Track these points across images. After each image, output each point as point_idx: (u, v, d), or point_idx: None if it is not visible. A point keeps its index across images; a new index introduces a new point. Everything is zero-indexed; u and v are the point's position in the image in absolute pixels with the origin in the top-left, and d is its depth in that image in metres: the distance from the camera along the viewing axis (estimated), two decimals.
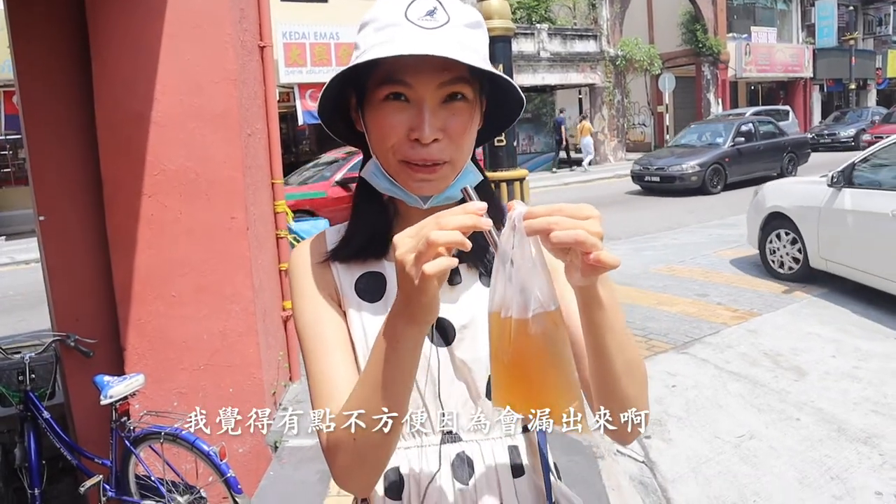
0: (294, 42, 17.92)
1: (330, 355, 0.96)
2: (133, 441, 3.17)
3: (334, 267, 1.03)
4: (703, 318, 6.00)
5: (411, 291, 0.74)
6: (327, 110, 1.01)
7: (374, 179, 0.99)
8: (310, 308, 1.00)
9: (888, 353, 4.96)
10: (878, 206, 5.80)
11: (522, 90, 0.97)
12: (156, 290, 3.39)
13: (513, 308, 0.75)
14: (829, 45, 31.04)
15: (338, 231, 1.07)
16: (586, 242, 0.72)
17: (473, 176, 1.00)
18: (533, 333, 0.75)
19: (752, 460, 3.64)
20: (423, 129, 0.89)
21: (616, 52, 23.77)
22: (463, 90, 0.91)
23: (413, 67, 0.88)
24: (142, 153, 3.28)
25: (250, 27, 3.91)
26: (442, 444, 0.99)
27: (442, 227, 0.72)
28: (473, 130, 0.96)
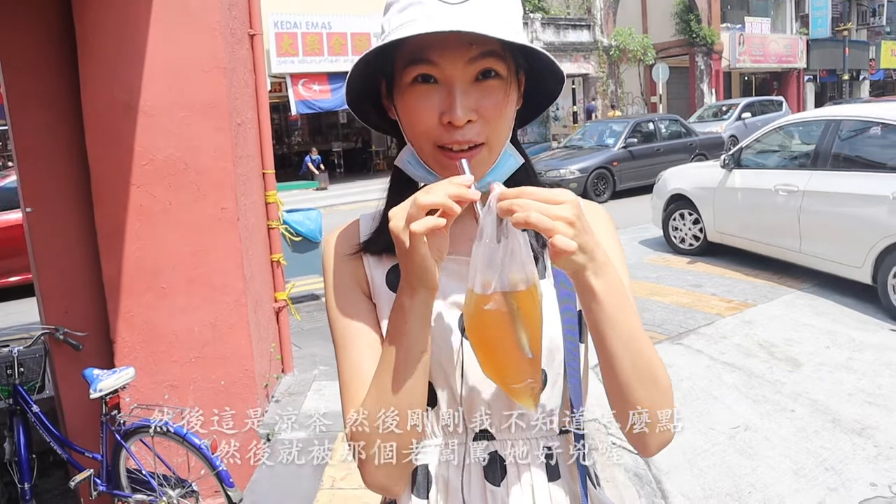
0: (286, 31, 17.81)
1: (359, 348, 0.94)
2: (124, 435, 3.13)
3: (366, 258, 1.00)
4: (698, 308, 6.00)
5: (403, 256, 0.77)
6: (357, 100, 0.97)
7: (409, 168, 0.94)
8: (340, 300, 0.97)
9: (882, 345, 4.96)
10: (763, 183, 6.85)
11: None
12: (145, 282, 3.34)
13: (476, 284, 0.77)
14: (823, 36, 31.03)
15: (372, 218, 1.03)
16: (538, 225, 0.72)
17: (514, 160, 0.94)
18: (489, 309, 0.77)
19: (748, 451, 3.63)
20: (454, 110, 0.84)
21: (610, 42, 23.70)
22: (495, 66, 0.86)
23: (439, 45, 0.83)
24: (129, 143, 3.23)
25: (240, 15, 3.86)
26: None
27: (429, 192, 0.75)
28: (510, 110, 0.90)
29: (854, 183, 5.97)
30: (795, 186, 6.46)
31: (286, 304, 4.53)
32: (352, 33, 18.76)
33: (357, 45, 18.86)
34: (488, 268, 0.76)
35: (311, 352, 5.32)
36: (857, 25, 34.34)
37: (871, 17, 35.33)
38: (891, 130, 5.92)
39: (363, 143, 24.24)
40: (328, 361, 5.09)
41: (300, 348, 5.30)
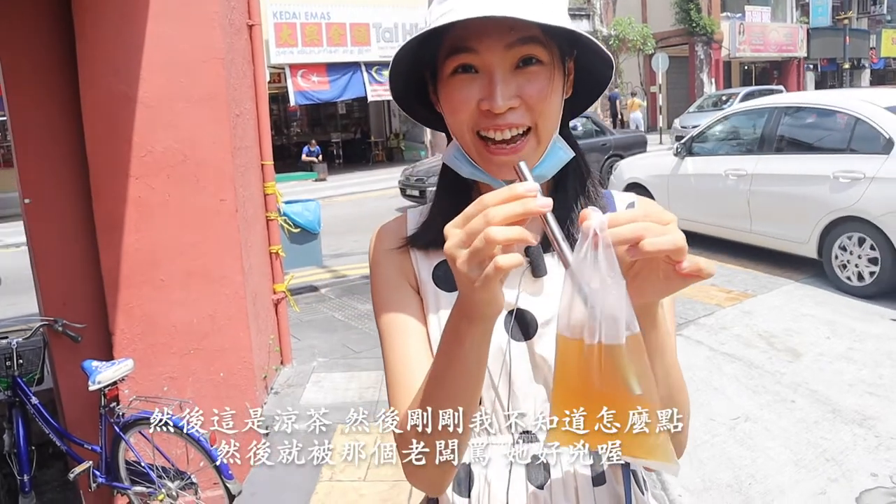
0: (285, 22, 17.73)
1: (406, 343, 0.92)
2: (122, 427, 3.13)
3: (413, 252, 0.98)
4: (697, 299, 5.99)
5: (468, 290, 0.68)
6: (402, 93, 0.95)
7: (456, 163, 0.91)
8: (386, 293, 0.96)
9: (883, 335, 4.96)
10: (714, 169, 7.28)
11: None
12: (144, 274, 3.33)
13: (600, 332, 0.66)
14: (823, 25, 30.90)
15: (420, 213, 1.01)
16: (684, 249, 0.66)
17: (563, 153, 0.90)
18: (626, 360, 0.67)
19: (748, 442, 3.63)
20: (494, 97, 0.81)
21: (609, 32, 23.62)
22: (536, 52, 0.83)
23: (477, 32, 0.81)
24: (128, 134, 3.21)
25: (238, 5, 3.83)
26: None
27: (489, 221, 0.64)
28: (556, 98, 0.86)
29: (798, 165, 6.43)
30: (744, 171, 6.90)
31: (285, 296, 4.52)
32: (351, 24, 18.69)
33: (356, 35, 18.79)
34: (611, 312, 0.66)
35: (309, 343, 5.32)
36: (858, 14, 34.19)
37: (871, 6, 35.17)
38: (828, 115, 6.50)
39: (362, 133, 24.18)
40: (327, 353, 5.09)
41: (299, 340, 5.30)
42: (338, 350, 5.18)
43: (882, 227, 5.67)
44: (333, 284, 7.17)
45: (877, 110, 6.02)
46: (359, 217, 11.61)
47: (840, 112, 6.34)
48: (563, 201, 0.93)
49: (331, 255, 8.24)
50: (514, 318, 0.92)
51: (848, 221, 5.95)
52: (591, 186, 0.97)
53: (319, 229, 5.98)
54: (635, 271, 0.70)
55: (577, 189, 0.96)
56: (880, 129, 5.84)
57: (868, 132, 5.95)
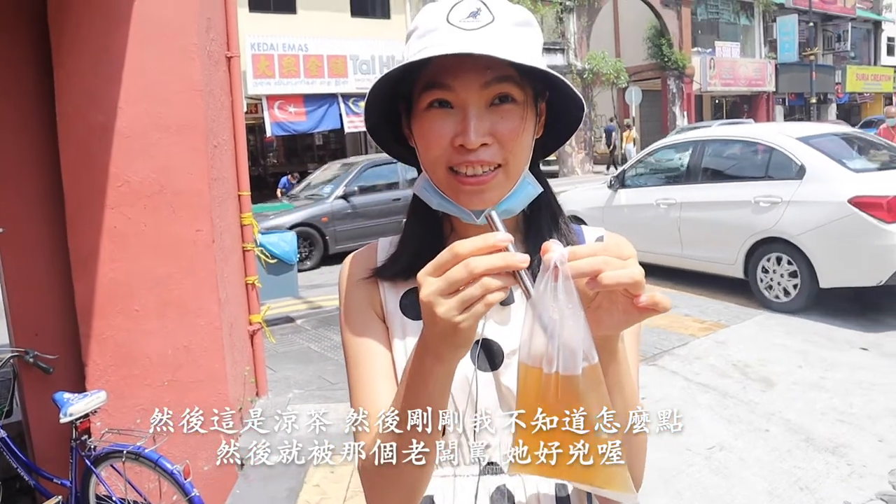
0: (262, 53, 17.81)
1: (372, 375, 0.93)
2: (94, 460, 3.07)
3: (381, 283, 0.99)
4: (672, 329, 6.04)
5: (443, 335, 0.70)
6: (376, 125, 0.97)
7: (425, 195, 0.92)
8: (353, 322, 0.97)
9: (853, 363, 5.04)
10: (645, 199, 7.79)
11: None
12: (119, 305, 3.30)
13: (558, 362, 0.68)
14: (791, 60, 31.69)
15: (390, 242, 1.02)
16: (642, 283, 0.68)
17: (532, 188, 0.92)
18: (583, 390, 0.68)
19: (723, 472, 3.65)
20: (468, 133, 0.83)
21: (583, 66, 24.01)
22: (511, 91, 0.85)
23: (454, 70, 0.83)
24: (105, 164, 3.20)
25: (217, 37, 3.86)
26: (481, 476, 0.92)
27: (472, 273, 0.67)
28: (527, 136, 0.89)
29: (722, 192, 7.04)
30: (674, 199, 7.46)
31: (261, 327, 4.49)
32: (328, 56, 18.82)
33: (333, 67, 18.92)
34: (569, 342, 0.68)
35: (285, 375, 5.28)
36: (824, 50, 35.13)
37: (836, 43, 36.18)
38: (747, 146, 7.19)
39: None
40: (303, 385, 5.05)
41: (275, 371, 5.25)
42: (314, 381, 5.14)
43: (800, 246, 6.25)
44: (309, 315, 7.13)
45: (790, 141, 6.70)
46: None
47: (758, 143, 7.01)
48: (536, 237, 0.95)
49: (307, 285, 8.21)
50: (481, 348, 0.93)
51: (769, 242, 6.54)
52: (563, 222, 0.99)
53: (295, 260, 5.98)
54: (595, 304, 0.72)
55: (549, 224, 0.98)
56: (794, 158, 6.49)
57: (783, 160, 6.61)
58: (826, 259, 6.15)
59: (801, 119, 32.13)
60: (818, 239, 6.15)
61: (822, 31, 35.30)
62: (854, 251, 5.97)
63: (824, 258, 6.15)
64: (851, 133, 7.77)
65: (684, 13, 27.48)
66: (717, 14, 30.24)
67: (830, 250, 6.11)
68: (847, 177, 6.20)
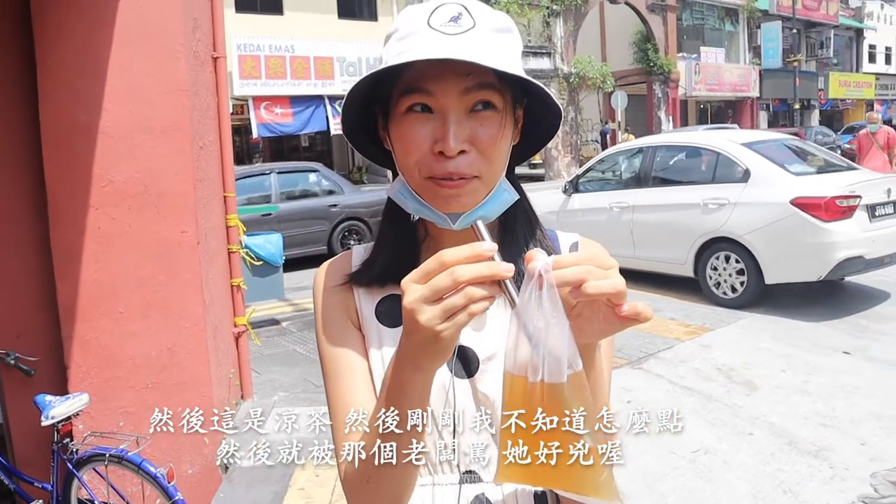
0: (249, 54, 17.77)
1: (349, 384, 0.92)
2: (76, 463, 3.04)
3: (356, 289, 0.98)
4: (657, 333, 6.07)
5: (423, 343, 0.70)
6: (352, 126, 0.96)
7: (401, 199, 0.90)
8: (329, 331, 0.96)
9: (836, 367, 5.08)
10: (598, 203, 8.08)
11: None
12: (102, 306, 3.27)
13: (543, 370, 0.68)
14: (775, 67, 32.01)
15: (365, 250, 1.01)
16: (624, 293, 0.69)
17: (508, 195, 0.92)
18: (568, 397, 0.69)
19: (707, 475, 3.66)
20: (447, 139, 0.82)
21: (569, 70, 24.12)
22: (490, 98, 0.85)
23: (434, 74, 0.83)
24: (88, 164, 3.17)
25: (203, 37, 3.83)
26: (461, 484, 0.91)
27: (457, 281, 0.67)
28: (505, 143, 0.88)
29: (672, 195, 7.40)
30: (626, 203, 7.76)
31: (246, 329, 4.46)
32: (315, 57, 18.80)
33: (320, 69, 18.90)
34: (554, 350, 0.68)
35: (270, 377, 5.25)
36: (807, 57, 35.49)
37: (819, 49, 36.56)
38: (695, 152, 7.66)
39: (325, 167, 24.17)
40: (288, 387, 5.02)
41: (260, 374, 5.23)
42: (299, 384, 5.12)
43: (746, 245, 6.67)
44: (295, 318, 7.11)
45: (735, 146, 7.17)
46: None
47: (705, 149, 7.47)
48: (512, 243, 0.95)
49: (292, 287, 8.18)
50: (456, 356, 0.93)
51: (717, 242, 6.95)
52: (539, 229, 1.00)
53: (281, 262, 5.95)
54: (577, 312, 0.73)
55: (525, 230, 0.98)
56: (739, 162, 6.95)
57: (729, 165, 7.05)
58: (771, 257, 6.57)
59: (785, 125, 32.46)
60: (763, 238, 6.57)
61: (805, 38, 35.67)
62: (796, 249, 6.42)
63: (769, 256, 6.57)
64: (790, 140, 8.41)
65: (670, 19, 27.68)
66: (702, 20, 30.49)
67: (774, 248, 6.53)
68: (788, 180, 6.68)
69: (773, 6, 32.52)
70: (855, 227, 6.40)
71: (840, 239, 6.31)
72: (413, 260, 0.89)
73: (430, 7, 0.86)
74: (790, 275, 6.64)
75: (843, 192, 6.40)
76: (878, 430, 4.05)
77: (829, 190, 6.44)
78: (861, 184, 6.70)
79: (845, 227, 6.34)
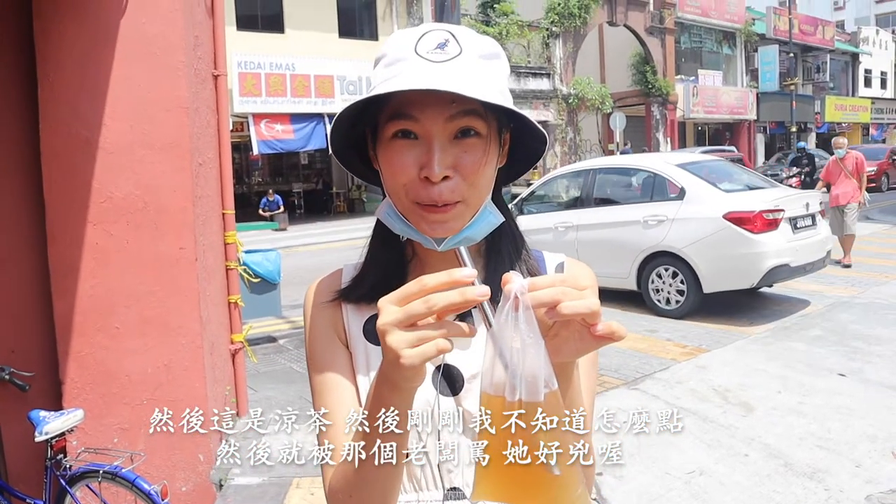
0: (249, 72, 17.86)
1: (335, 397, 0.94)
2: (69, 480, 3.02)
3: (344, 307, 1.00)
4: (654, 353, 6.07)
5: (393, 364, 0.71)
6: (341, 147, 0.97)
7: (389, 220, 0.93)
8: (317, 348, 0.99)
9: (831, 389, 5.07)
10: (543, 223, 8.31)
11: None
12: (99, 322, 3.27)
13: (521, 390, 0.69)
14: (772, 90, 32.24)
15: (355, 268, 1.03)
16: (598, 313, 0.70)
17: (493, 218, 0.93)
18: (516, 420, 0.70)
19: (703, 496, 3.65)
20: (432, 166, 0.84)
21: (569, 91, 24.27)
22: (475, 125, 0.87)
23: (419, 102, 0.85)
24: (88, 179, 3.19)
25: (204, 55, 3.87)
26: (444, 502, 0.93)
27: (430, 308, 0.69)
28: (489, 168, 0.90)
29: (614, 214, 7.83)
30: (570, 222, 8.15)
31: (243, 347, 4.46)
32: (315, 75, 18.91)
33: (320, 87, 19.00)
34: (530, 370, 0.69)
35: (266, 395, 5.24)
36: (803, 80, 35.75)
37: (815, 73, 36.85)
38: (634, 173, 8.15)
39: (324, 184, 24.24)
40: (284, 405, 5.00)
41: (256, 391, 5.21)
42: (295, 402, 5.10)
43: (685, 257, 7.14)
44: (292, 335, 7.09)
45: (670, 167, 7.67)
46: (319, 268, 11.42)
47: (642, 170, 7.95)
48: (497, 264, 0.97)
49: (290, 305, 8.16)
50: (441, 374, 0.94)
51: (658, 256, 7.41)
52: (525, 249, 1.02)
53: (279, 279, 5.95)
54: (554, 332, 0.74)
55: (510, 252, 1.00)
56: (674, 181, 7.45)
57: (665, 184, 7.54)
58: (707, 268, 7.06)
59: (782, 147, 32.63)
60: (700, 250, 7.07)
61: (802, 62, 35.95)
62: (730, 259, 6.95)
63: (706, 267, 7.06)
64: (719, 160, 9.33)
65: (668, 41, 27.91)
66: (700, 43, 30.74)
67: (710, 260, 7.04)
68: (720, 196, 7.24)
69: (771, 30, 32.82)
70: (780, 238, 6.97)
71: (768, 249, 6.86)
72: (401, 278, 0.93)
73: (418, 33, 0.88)
74: (726, 283, 7.12)
75: (768, 207, 6.97)
76: (872, 452, 4.04)
77: (757, 204, 6.98)
78: (783, 199, 7.29)
79: (772, 238, 6.90)
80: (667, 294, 7.41)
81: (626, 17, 26.48)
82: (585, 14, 24.56)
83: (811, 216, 7.51)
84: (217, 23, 4.16)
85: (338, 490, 0.86)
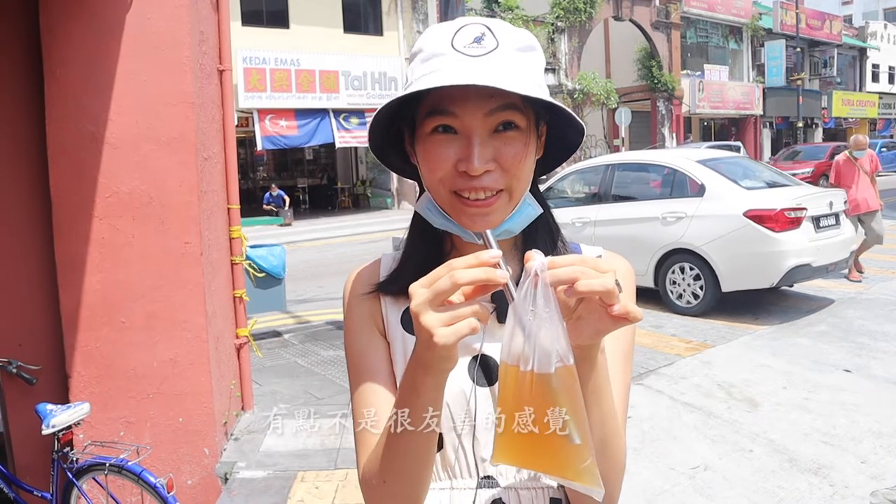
0: (254, 67, 17.88)
1: (374, 387, 0.95)
2: (76, 473, 3.04)
3: (383, 298, 1.01)
4: (658, 349, 6.06)
5: (427, 345, 0.72)
6: (379, 143, 0.98)
7: (428, 214, 0.94)
8: (356, 338, 1.00)
9: (836, 385, 5.07)
10: (561, 218, 7.93)
11: None
12: (105, 316, 3.29)
13: (533, 361, 0.73)
14: (778, 85, 32.11)
15: (393, 259, 1.04)
16: (615, 293, 0.71)
17: (532, 209, 0.95)
18: (555, 387, 0.73)
19: (707, 492, 3.65)
20: (471, 160, 0.85)
21: (574, 86, 24.23)
22: (514, 118, 0.87)
23: (459, 97, 0.85)
24: (94, 175, 3.20)
25: (210, 50, 3.88)
26: (478, 489, 0.94)
27: (455, 283, 0.71)
28: (529, 160, 0.90)
29: (632, 210, 7.74)
30: (588, 218, 7.96)
31: (247, 341, 4.48)
32: (320, 71, 18.91)
33: (325, 82, 19.00)
34: (544, 344, 0.72)
35: (271, 389, 5.25)
36: (810, 76, 35.61)
37: (822, 68, 36.71)
38: (653, 168, 8.00)
39: (329, 179, 24.27)
40: (288, 399, 5.03)
41: (260, 385, 5.23)
42: (300, 396, 5.12)
43: (703, 255, 7.02)
44: (297, 330, 7.11)
45: (690, 163, 7.54)
46: (323, 263, 11.60)
47: (662, 166, 7.81)
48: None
49: (295, 300, 8.19)
50: (479, 364, 0.95)
51: (676, 253, 7.30)
52: (561, 241, 1.02)
53: (284, 274, 5.96)
54: (577, 315, 0.76)
55: (546, 243, 1.00)
56: (694, 178, 7.32)
57: (685, 180, 7.41)
58: (726, 266, 6.91)
59: (789, 143, 32.54)
60: (719, 248, 6.93)
61: (808, 57, 35.80)
62: (750, 258, 6.82)
63: (725, 265, 6.92)
64: (739, 157, 9.01)
65: (674, 36, 27.82)
66: (706, 38, 30.64)
67: (730, 258, 6.89)
68: (741, 194, 7.08)
69: (777, 25, 32.69)
70: (802, 237, 6.80)
71: (789, 248, 6.71)
72: None
73: (454, 27, 0.88)
74: (745, 282, 6.99)
75: (790, 205, 6.81)
76: (878, 448, 4.04)
77: (779, 202, 6.84)
78: (806, 197, 7.12)
79: (794, 237, 6.74)
80: (682, 291, 7.30)
81: (632, 11, 26.40)
82: (591, 9, 24.51)
83: (835, 215, 7.31)
84: (222, 18, 4.17)
85: (371, 476, 0.87)
